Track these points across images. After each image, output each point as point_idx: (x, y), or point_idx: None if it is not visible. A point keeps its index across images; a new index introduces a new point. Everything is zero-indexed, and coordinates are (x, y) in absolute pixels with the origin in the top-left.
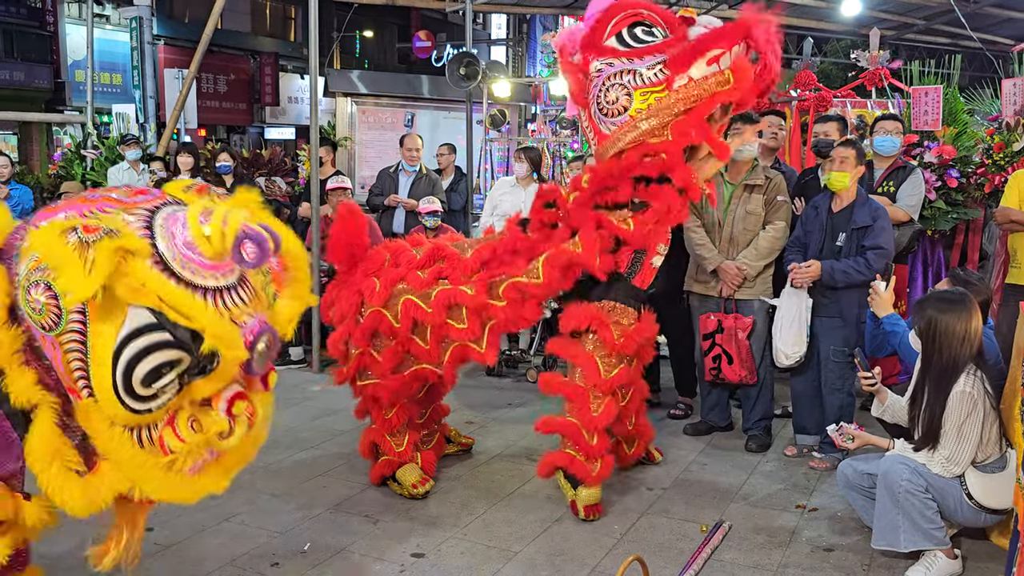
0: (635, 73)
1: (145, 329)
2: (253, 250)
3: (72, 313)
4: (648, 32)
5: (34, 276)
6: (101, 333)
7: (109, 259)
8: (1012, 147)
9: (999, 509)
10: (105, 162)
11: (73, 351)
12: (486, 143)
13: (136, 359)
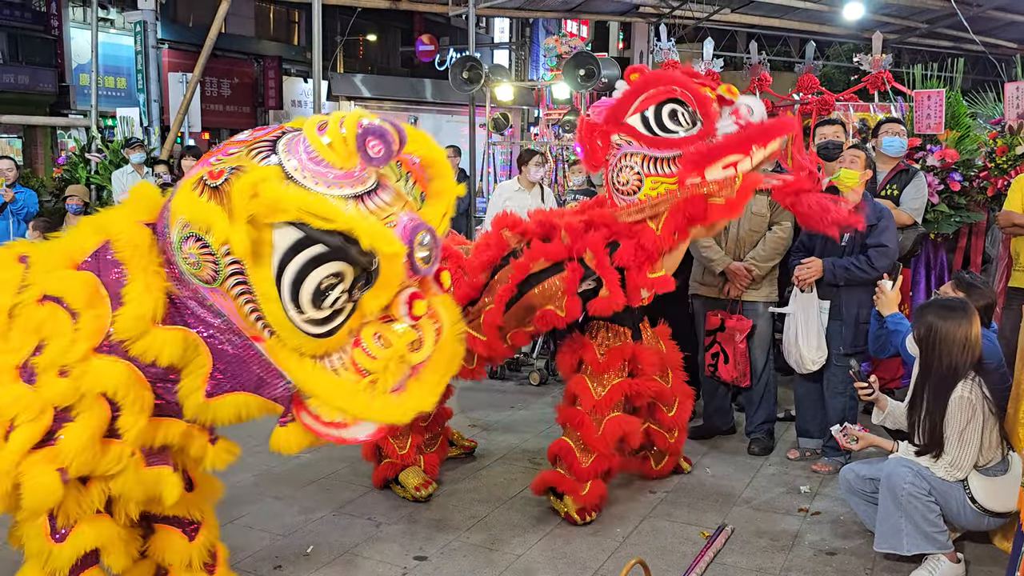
0: (650, 160)
1: (297, 246)
2: (377, 144)
3: (226, 258)
4: (674, 117)
5: (182, 232)
6: (257, 267)
7: (242, 194)
8: (1015, 150)
9: (1002, 512)
10: (109, 165)
11: (242, 295)
12: (489, 146)
13: (298, 280)
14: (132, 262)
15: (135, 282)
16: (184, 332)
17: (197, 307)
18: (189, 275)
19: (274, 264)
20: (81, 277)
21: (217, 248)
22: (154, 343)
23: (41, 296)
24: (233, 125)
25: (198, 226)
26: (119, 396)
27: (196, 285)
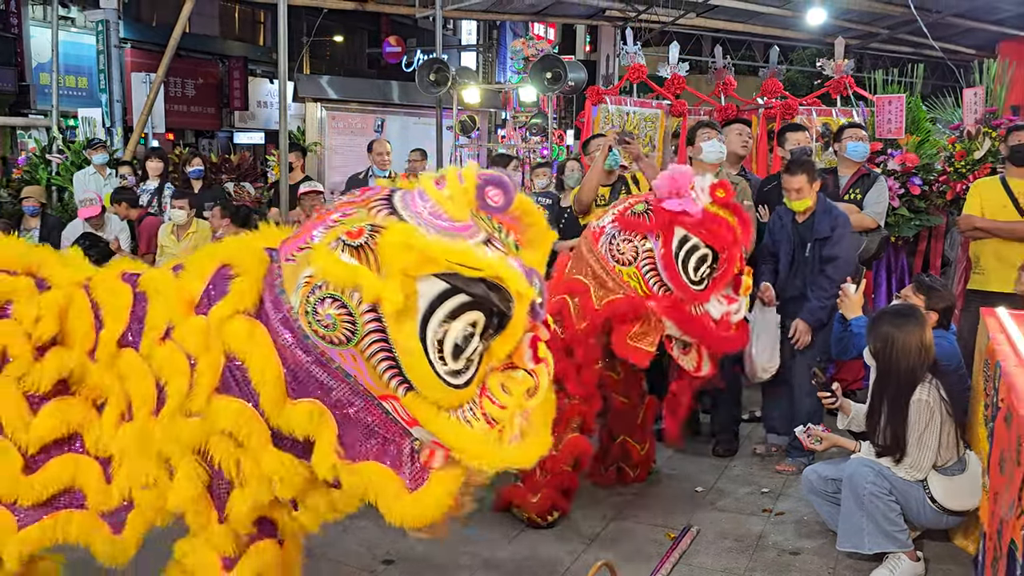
0: (651, 263)
1: (442, 297)
2: (497, 193)
3: (364, 316)
4: (701, 261)
5: (317, 294)
6: (402, 322)
7: (394, 248)
8: (973, 155)
9: (960, 511)
10: (71, 166)
11: (378, 352)
12: (456, 149)
13: (443, 330)
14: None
15: (255, 357)
16: (312, 404)
17: (319, 371)
18: (317, 338)
19: (419, 317)
20: (197, 324)
21: (356, 307)
22: (290, 419)
23: (162, 336)
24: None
25: (342, 287)
26: (241, 433)
27: (323, 348)
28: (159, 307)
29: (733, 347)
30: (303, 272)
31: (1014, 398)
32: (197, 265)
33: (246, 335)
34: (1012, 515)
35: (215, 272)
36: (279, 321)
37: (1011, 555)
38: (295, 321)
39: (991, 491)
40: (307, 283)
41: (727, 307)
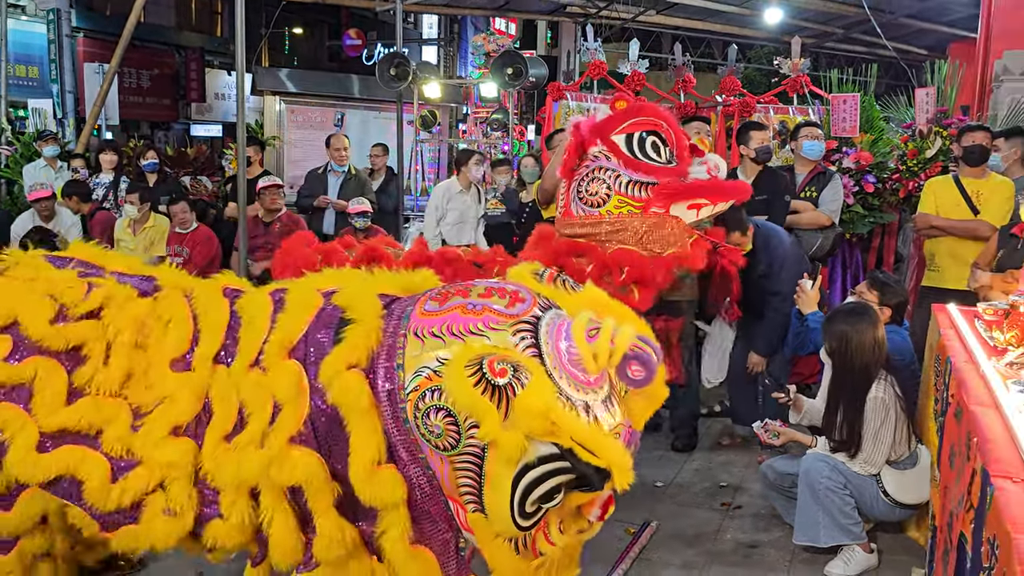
0: (623, 179)
1: (547, 459)
2: (640, 370)
3: (470, 440)
4: (656, 148)
5: (432, 401)
6: (502, 465)
7: (529, 414)
8: (925, 154)
9: (912, 504)
10: (21, 159)
11: (465, 471)
12: (417, 144)
13: (534, 485)
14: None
15: (364, 424)
16: (396, 474)
17: (404, 452)
18: (418, 432)
19: (519, 468)
20: (290, 369)
21: (466, 431)
22: (377, 486)
23: (251, 363)
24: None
25: (465, 413)
26: (310, 490)
27: (418, 439)
28: (252, 336)
29: (740, 193)
30: (428, 363)
31: (964, 394)
32: (301, 302)
33: (357, 395)
34: (961, 509)
35: (318, 313)
36: (384, 391)
37: (960, 548)
38: (400, 401)
39: (941, 484)
40: (428, 380)
41: (702, 168)
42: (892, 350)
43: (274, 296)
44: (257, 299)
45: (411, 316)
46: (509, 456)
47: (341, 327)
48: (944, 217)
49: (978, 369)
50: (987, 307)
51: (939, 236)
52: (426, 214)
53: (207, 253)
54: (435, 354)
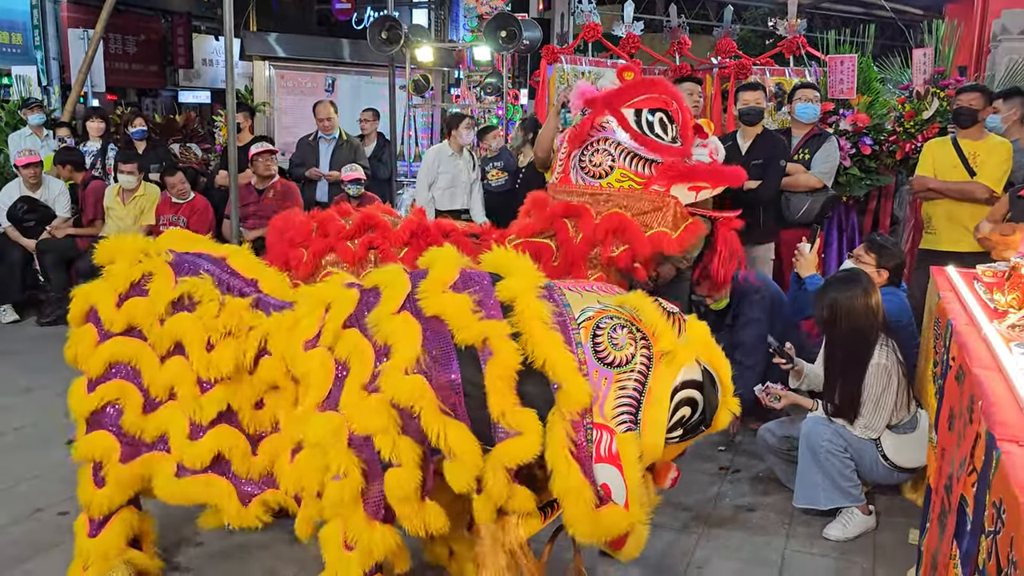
0: (628, 153)
1: (693, 384)
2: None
3: (642, 355)
4: (664, 126)
5: (615, 321)
6: (663, 378)
7: (700, 336)
8: (922, 115)
9: (910, 468)
10: (5, 127)
11: (628, 387)
12: (409, 109)
13: (678, 406)
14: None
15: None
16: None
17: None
18: (593, 351)
19: (677, 381)
20: (457, 298)
21: (640, 347)
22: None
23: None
24: (140, 84)
25: (649, 328)
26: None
27: (587, 358)
28: (394, 291)
29: (736, 179)
30: (592, 305)
31: (966, 356)
32: (444, 259)
33: (553, 346)
34: (963, 472)
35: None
36: (555, 315)
37: (961, 510)
38: (572, 329)
39: (938, 447)
40: (599, 313)
41: (704, 150)
42: (890, 311)
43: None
44: (393, 269)
45: (555, 285)
46: (682, 363)
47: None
48: (940, 179)
49: (980, 332)
50: (987, 269)
51: (935, 199)
52: (418, 179)
53: (204, 222)
54: (596, 299)
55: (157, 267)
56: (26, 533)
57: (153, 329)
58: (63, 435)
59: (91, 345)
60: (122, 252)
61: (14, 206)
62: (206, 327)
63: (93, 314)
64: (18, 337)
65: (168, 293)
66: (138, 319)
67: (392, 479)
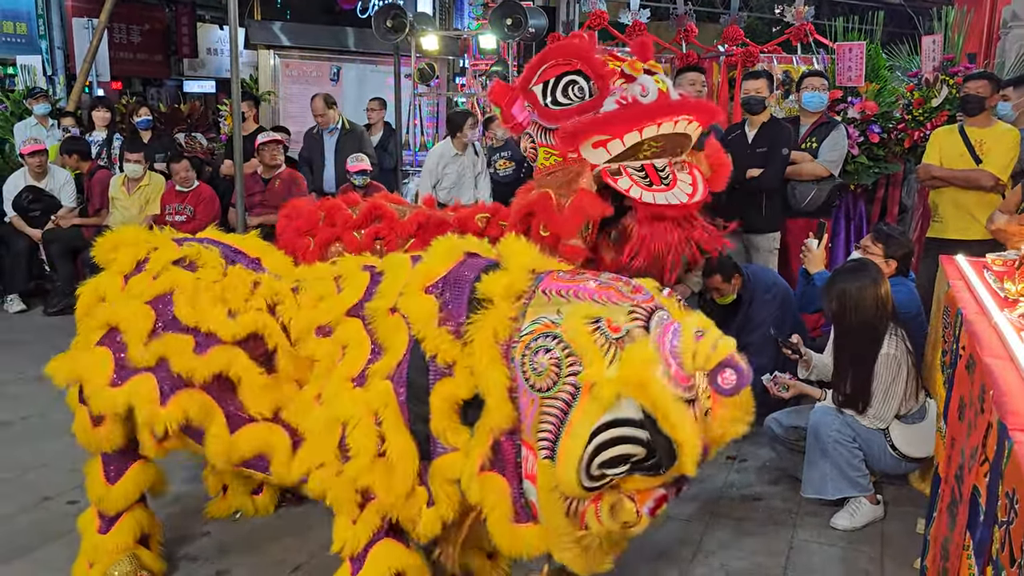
0: (542, 130)
1: (627, 422)
2: (731, 379)
3: (566, 384)
4: (573, 88)
5: (543, 343)
6: (587, 411)
7: (632, 367)
8: (931, 103)
9: (919, 458)
10: (11, 117)
11: (550, 415)
12: (415, 98)
13: (606, 445)
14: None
15: (494, 383)
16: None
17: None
18: (520, 370)
19: (600, 421)
20: (428, 303)
21: (566, 375)
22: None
23: (391, 308)
24: (145, 74)
25: (577, 354)
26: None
27: (518, 377)
28: (392, 282)
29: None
30: (547, 315)
31: (976, 345)
32: (445, 253)
33: (488, 363)
34: (975, 462)
35: (462, 261)
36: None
37: (973, 501)
38: (513, 342)
39: (947, 437)
40: (544, 327)
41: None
42: (899, 302)
43: (413, 259)
44: (399, 258)
45: (543, 278)
46: (603, 399)
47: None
48: (946, 167)
49: (990, 320)
50: (996, 257)
51: (941, 187)
52: (421, 178)
53: (211, 211)
54: (557, 308)
55: (161, 242)
56: (34, 522)
57: (141, 283)
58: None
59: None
60: (124, 243)
61: (19, 196)
62: (204, 286)
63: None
64: (25, 327)
65: (170, 255)
66: (137, 289)
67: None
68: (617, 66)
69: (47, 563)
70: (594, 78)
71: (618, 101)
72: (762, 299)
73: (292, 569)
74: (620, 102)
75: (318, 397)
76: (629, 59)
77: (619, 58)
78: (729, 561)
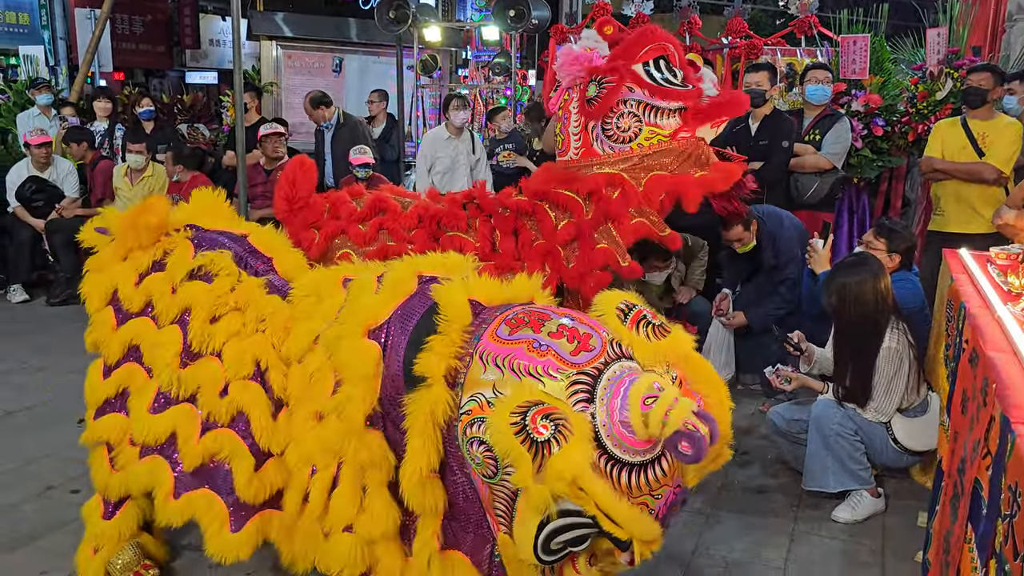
0: (652, 109)
1: (577, 513)
2: (688, 448)
3: (505, 479)
4: (671, 71)
5: (475, 432)
6: (529, 505)
7: (560, 479)
8: (935, 96)
9: (920, 451)
10: (14, 107)
11: (499, 497)
12: (417, 89)
13: (559, 532)
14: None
15: (421, 437)
16: (440, 486)
17: (453, 461)
18: (463, 450)
19: (543, 517)
20: (367, 350)
21: (503, 467)
22: (428, 493)
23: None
24: (147, 65)
25: (502, 456)
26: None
27: (463, 455)
28: (352, 311)
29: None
30: (484, 391)
31: (979, 339)
32: (394, 286)
33: (426, 417)
34: (977, 455)
35: (405, 301)
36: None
37: (975, 494)
38: (455, 418)
39: (951, 430)
40: (480, 408)
41: (708, 84)
42: (904, 298)
43: (380, 278)
44: (364, 280)
45: (481, 338)
46: (535, 506)
47: (426, 320)
48: (948, 160)
49: (993, 314)
50: (1000, 251)
51: (943, 179)
52: (416, 164)
53: None
54: (492, 382)
55: (178, 243)
56: (38, 511)
57: (163, 298)
58: (74, 414)
59: (111, 329)
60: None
61: (23, 186)
62: (217, 301)
63: (113, 297)
64: (29, 317)
65: (187, 264)
66: (154, 293)
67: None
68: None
69: (51, 551)
70: (680, 65)
71: (713, 85)
72: (783, 234)
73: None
74: (714, 85)
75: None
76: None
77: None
78: (730, 554)
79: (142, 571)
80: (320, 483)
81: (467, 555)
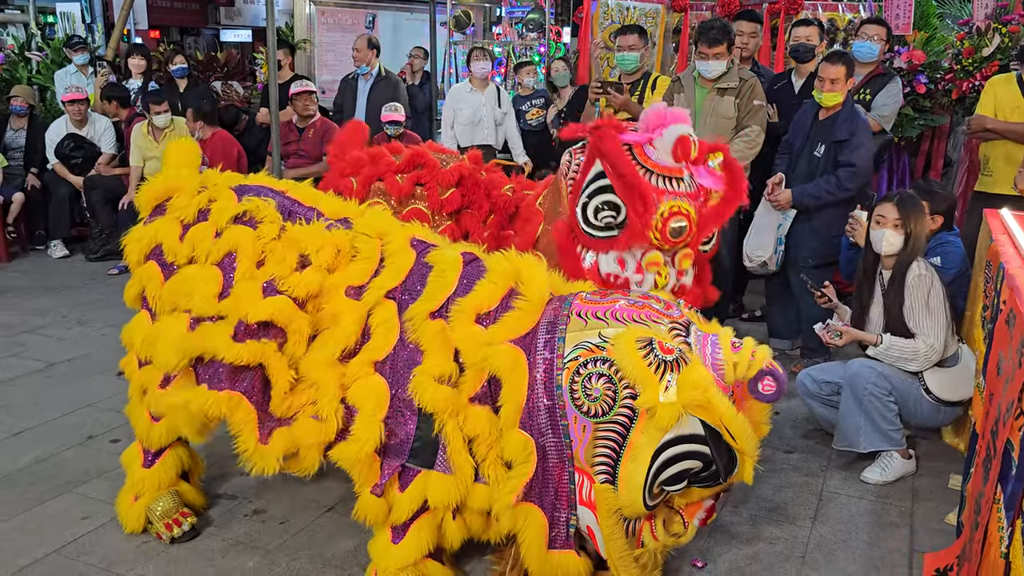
0: (572, 179)
1: (690, 438)
2: (771, 386)
3: (622, 407)
4: (605, 206)
5: (595, 368)
6: (648, 434)
7: (694, 388)
8: (981, 52)
9: (955, 401)
10: (52, 64)
11: (607, 440)
12: (450, 46)
13: (669, 462)
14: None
15: (512, 381)
16: (529, 440)
17: (546, 418)
18: (571, 397)
19: (663, 440)
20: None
21: (622, 398)
22: (510, 443)
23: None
24: (182, 23)
25: (628, 380)
26: (485, 441)
27: (567, 403)
28: (440, 286)
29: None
30: (590, 338)
31: (1017, 300)
32: (498, 277)
33: (511, 365)
34: (1010, 416)
35: (508, 292)
36: (543, 360)
37: (1006, 454)
38: (557, 369)
39: (986, 392)
40: (590, 352)
41: (621, 272)
42: (948, 262)
43: (465, 257)
44: (449, 255)
45: (573, 301)
46: (663, 423)
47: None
48: (1000, 119)
49: None
50: None
51: (994, 139)
52: (443, 117)
53: (224, 158)
54: (598, 331)
55: (221, 192)
56: (79, 458)
57: (205, 242)
58: (114, 366)
59: (159, 283)
60: (183, 190)
61: (61, 143)
62: (263, 245)
63: (157, 251)
64: (69, 272)
65: (231, 210)
66: (197, 240)
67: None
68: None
69: (93, 497)
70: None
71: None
72: (863, 124)
73: (325, 510)
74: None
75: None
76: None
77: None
78: (758, 512)
79: (180, 518)
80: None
81: (545, 516)
